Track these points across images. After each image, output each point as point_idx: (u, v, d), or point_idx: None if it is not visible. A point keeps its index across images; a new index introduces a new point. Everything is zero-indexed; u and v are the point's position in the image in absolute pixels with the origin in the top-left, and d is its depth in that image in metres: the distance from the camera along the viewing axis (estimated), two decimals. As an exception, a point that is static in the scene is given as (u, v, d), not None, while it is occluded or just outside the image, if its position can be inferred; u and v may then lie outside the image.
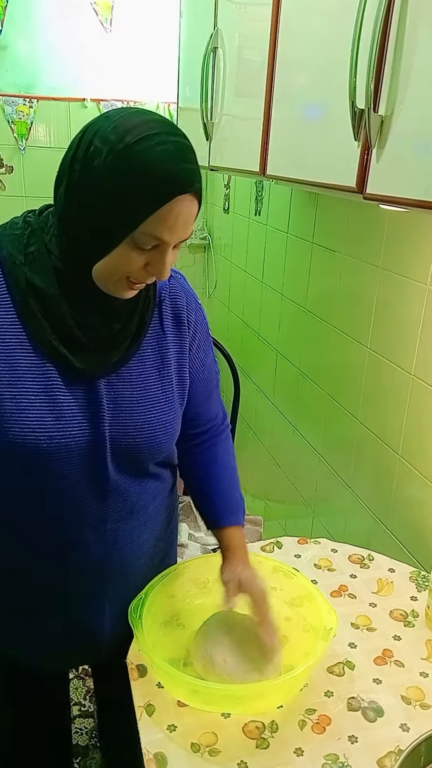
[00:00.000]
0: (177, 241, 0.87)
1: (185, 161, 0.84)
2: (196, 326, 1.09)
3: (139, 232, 0.83)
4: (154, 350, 1.03)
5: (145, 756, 0.91)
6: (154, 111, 0.87)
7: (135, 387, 1.00)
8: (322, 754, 0.91)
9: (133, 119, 0.82)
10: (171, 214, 0.83)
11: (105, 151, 0.81)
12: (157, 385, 1.02)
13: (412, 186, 0.95)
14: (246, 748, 0.92)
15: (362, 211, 1.64)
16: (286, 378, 2.27)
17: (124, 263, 0.86)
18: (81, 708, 1.98)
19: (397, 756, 0.90)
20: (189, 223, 0.86)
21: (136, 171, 0.80)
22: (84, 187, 0.84)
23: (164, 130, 0.83)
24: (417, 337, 1.43)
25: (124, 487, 1.02)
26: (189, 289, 1.10)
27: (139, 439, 1.00)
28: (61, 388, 0.93)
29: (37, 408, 0.92)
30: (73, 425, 0.94)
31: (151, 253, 0.86)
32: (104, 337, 0.95)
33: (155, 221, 0.82)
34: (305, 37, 1.26)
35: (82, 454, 0.96)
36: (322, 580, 1.28)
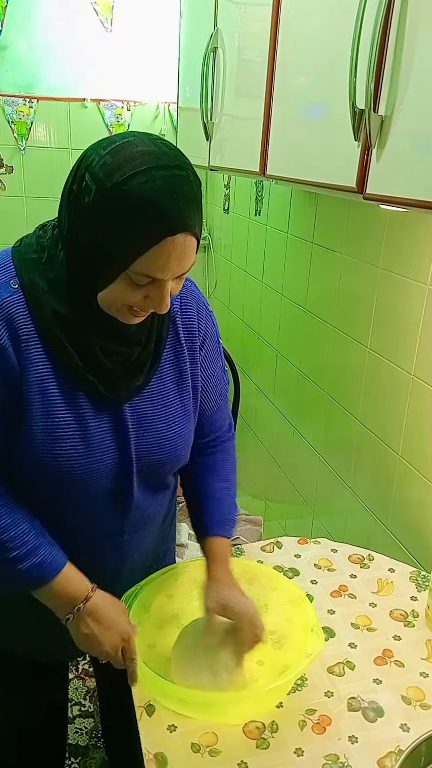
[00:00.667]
0: (174, 276, 0.85)
1: (176, 199, 0.79)
2: (205, 334, 1.08)
3: (131, 271, 0.82)
4: (173, 364, 1.03)
5: (146, 756, 0.91)
6: (153, 136, 0.83)
7: (156, 404, 1.00)
8: (323, 755, 0.91)
9: (123, 152, 0.79)
10: (162, 254, 0.80)
11: (94, 188, 0.80)
12: (176, 399, 1.03)
13: (412, 186, 0.95)
14: (246, 749, 0.92)
15: (362, 211, 1.64)
16: (286, 378, 2.27)
17: (122, 296, 0.85)
18: (81, 708, 1.98)
19: (398, 756, 0.90)
20: (184, 260, 0.83)
21: (123, 212, 0.78)
22: (77, 222, 0.83)
23: (156, 164, 0.79)
24: (417, 337, 1.43)
25: (143, 500, 1.03)
26: (200, 296, 1.09)
27: (162, 455, 1.01)
28: (91, 415, 0.94)
29: (69, 436, 0.92)
30: (102, 450, 0.95)
31: (149, 287, 0.85)
32: (127, 362, 0.95)
33: (146, 261, 0.80)
34: (305, 37, 1.26)
35: (110, 476, 0.97)
36: (322, 580, 1.28)
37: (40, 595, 0.94)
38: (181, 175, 0.81)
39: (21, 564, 0.90)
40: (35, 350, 0.89)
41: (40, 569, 0.92)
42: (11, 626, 1.13)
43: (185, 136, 2.24)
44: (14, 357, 0.88)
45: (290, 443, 2.25)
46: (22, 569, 0.91)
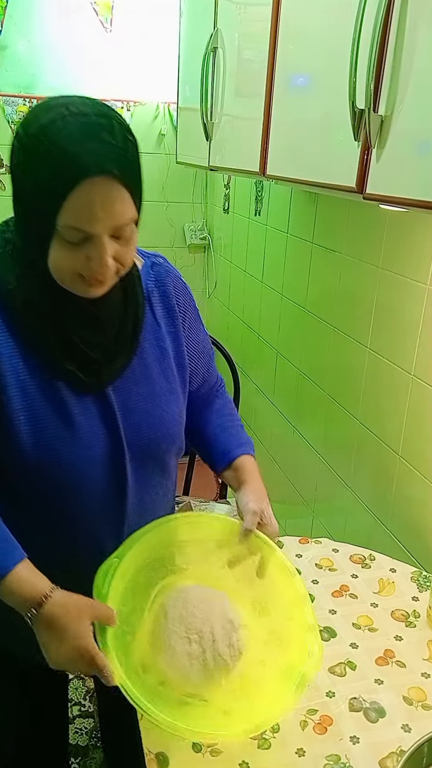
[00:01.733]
0: (107, 229, 0.81)
1: (90, 140, 0.76)
2: (185, 308, 1.08)
3: (60, 227, 0.79)
4: (152, 344, 1.03)
5: (147, 756, 0.91)
6: (86, 96, 0.82)
7: (141, 385, 1.00)
8: (324, 755, 0.91)
9: (44, 106, 0.79)
10: (82, 201, 0.77)
11: (17, 144, 0.80)
12: (161, 377, 1.03)
13: (412, 186, 0.95)
14: (247, 749, 0.92)
15: (362, 211, 1.64)
16: (286, 378, 2.27)
17: (63, 261, 0.83)
18: (81, 708, 1.98)
19: (399, 757, 0.90)
20: (111, 209, 0.79)
21: (38, 160, 0.77)
22: (14, 188, 0.83)
23: (73, 112, 0.77)
24: (417, 337, 1.43)
25: (140, 488, 1.02)
26: (172, 270, 1.08)
27: (153, 435, 1.01)
28: (73, 403, 0.93)
29: (53, 426, 0.91)
30: (90, 436, 0.94)
31: (87, 246, 0.81)
32: (106, 347, 0.95)
33: (68, 212, 0.77)
34: (305, 37, 1.26)
35: (104, 463, 0.96)
36: (323, 580, 1.28)
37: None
38: (99, 122, 0.78)
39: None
40: (8, 345, 0.89)
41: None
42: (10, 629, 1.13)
43: (185, 136, 2.24)
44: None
45: (290, 443, 2.25)
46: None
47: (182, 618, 0.98)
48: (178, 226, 3.17)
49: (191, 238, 3.18)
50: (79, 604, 0.86)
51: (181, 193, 3.11)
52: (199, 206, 3.18)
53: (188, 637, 0.96)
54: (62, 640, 0.84)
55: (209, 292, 3.28)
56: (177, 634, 0.96)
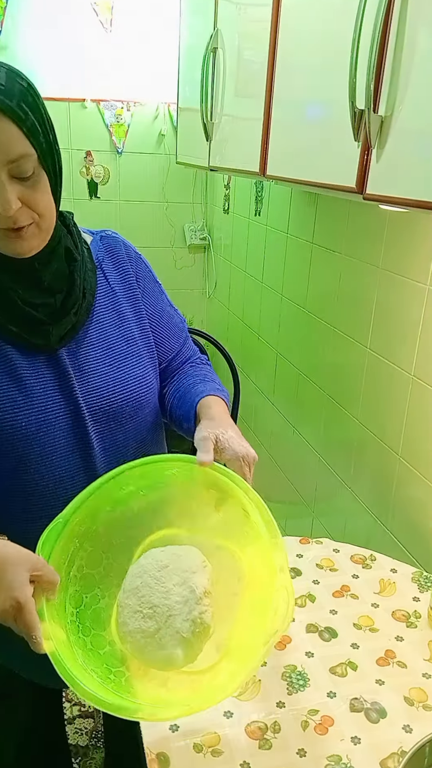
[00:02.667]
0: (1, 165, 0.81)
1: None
2: (137, 275, 1.09)
3: None
4: (108, 309, 1.03)
5: (148, 756, 0.90)
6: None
7: (97, 348, 1.00)
8: (325, 755, 0.91)
9: None
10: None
11: None
12: (120, 341, 1.03)
13: (412, 186, 0.95)
14: (249, 749, 0.92)
15: (362, 211, 1.64)
16: (286, 378, 2.27)
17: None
18: (81, 708, 1.98)
19: (401, 758, 0.90)
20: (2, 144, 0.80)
21: None
22: None
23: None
24: (417, 337, 1.43)
25: (112, 453, 1.01)
26: (124, 241, 1.10)
27: (114, 398, 1.00)
28: (24, 366, 0.93)
29: (4, 389, 0.92)
30: (44, 399, 0.94)
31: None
32: (52, 307, 0.95)
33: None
34: (305, 37, 1.26)
35: (64, 428, 0.96)
36: (324, 580, 1.28)
37: None
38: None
39: None
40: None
41: None
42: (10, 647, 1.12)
43: (185, 136, 2.24)
44: None
45: (290, 443, 2.25)
46: None
47: (136, 589, 0.87)
48: (178, 226, 3.17)
49: (191, 239, 3.18)
50: (20, 553, 0.80)
51: (181, 193, 3.11)
52: (199, 206, 3.18)
53: (141, 611, 0.85)
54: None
55: (209, 292, 3.28)
56: (130, 607, 0.86)
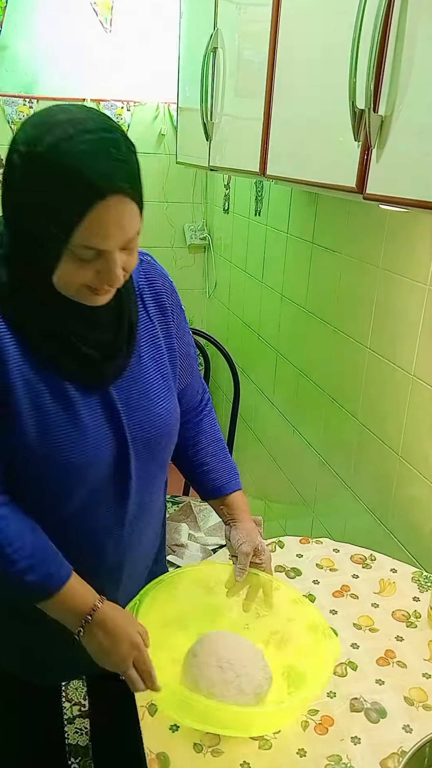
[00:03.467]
0: (118, 244, 0.82)
1: (102, 160, 0.76)
2: (173, 307, 1.08)
3: (72, 246, 0.79)
4: (147, 341, 1.03)
5: (148, 756, 0.90)
6: (79, 105, 0.82)
7: (139, 383, 1.00)
8: (325, 755, 0.91)
9: (46, 122, 0.77)
10: (98, 222, 0.77)
11: (19, 165, 0.78)
12: (157, 374, 1.03)
13: (412, 186, 0.95)
14: (249, 749, 0.92)
15: (362, 211, 1.64)
16: (286, 378, 2.27)
17: (74, 276, 0.83)
18: (81, 708, 1.97)
19: (401, 757, 0.90)
20: (124, 226, 0.80)
21: (50, 182, 0.76)
22: (11, 205, 0.82)
23: (79, 129, 0.76)
24: (417, 337, 1.43)
25: (140, 486, 1.03)
26: (161, 269, 1.09)
27: (155, 431, 1.01)
28: (80, 402, 0.93)
29: (61, 425, 0.91)
30: (98, 435, 0.94)
31: (98, 261, 0.82)
32: (106, 345, 0.95)
33: (84, 232, 0.77)
34: (305, 37, 1.26)
35: (109, 461, 0.97)
36: (324, 580, 1.28)
37: (48, 608, 0.93)
38: (106, 137, 0.77)
39: (27, 576, 0.90)
40: (13, 348, 0.88)
41: (46, 580, 0.91)
42: (8, 647, 1.12)
43: (185, 136, 2.24)
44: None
45: (290, 443, 2.25)
46: (29, 581, 0.90)
47: (212, 651, 1.02)
48: (178, 226, 3.17)
49: (191, 238, 3.18)
50: (127, 613, 0.97)
51: (181, 193, 3.11)
52: (199, 206, 3.18)
53: (220, 666, 0.99)
54: (115, 640, 0.92)
55: (209, 292, 3.28)
56: (209, 664, 1.00)
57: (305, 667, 1.00)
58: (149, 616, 1.02)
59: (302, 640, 1.05)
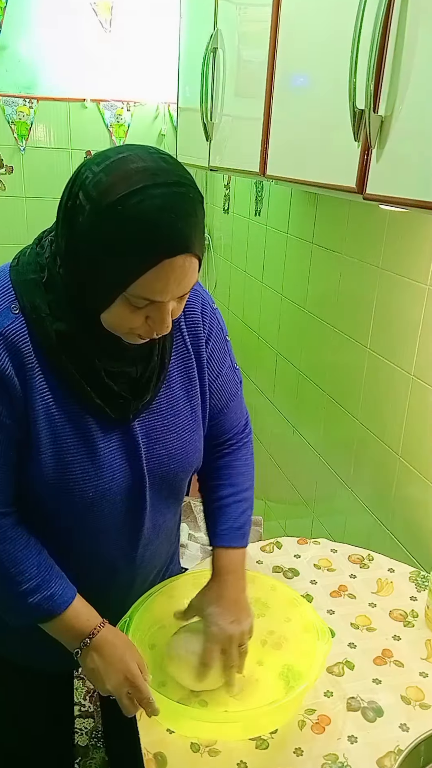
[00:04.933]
0: (174, 298, 0.81)
1: (175, 218, 0.74)
2: (210, 333, 1.03)
3: (129, 294, 0.78)
4: (180, 372, 1.00)
5: (145, 756, 0.91)
6: (151, 149, 0.79)
7: (166, 416, 0.98)
8: (322, 754, 0.91)
9: (118, 170, 0.75)
10: (160, 277, 0.76)
11: (87, 209, 0.76)
12: (186, 407, 1.01)
13: (412, 186, 0.95)
14: (245, 749, 0.92)
15: (362, 211, 1.64)
16: (286, 378, 2.27)
17: (123, 320, 0.82)
18: (81, 708, 1.98)
19: (397, 756, 0.90)
20: (184, 281, 0.79)
21: (119, 233, 0.74)
22: (72, 242, 0.80)
23: (153, 182, 0.74)
24: (417, 337, 1.43)
25: (155, 513, 1.02)
26: (203, 294, 1.04)
27: (174, 465, 1.00)
28: (100, 437, 0.92)
29: (78, 461, 0.91)
30: (114, 470, 0.94)
31: (149, 308, 0.81)
32: (133, 380, 0.92)
33: (144, 284, 0.77)
34: (305, 37, 1.26)
35: (124, 494, 0.96)
36: (321, 580, 1.28)
37: (48, 628, 0.93)
38: (180, 192, 0.76)
39: (30, 598, 0.90)
40: (39, 377, 0.87)
41: (49, 603, 0.91)
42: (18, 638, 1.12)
43: (185, 136, 2.24)
44: (19, 386, 0.85)
45: (290, 443, 2.25)
46: (32, 603, 0.90)
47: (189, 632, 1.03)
48: (178, 226, 3.17)
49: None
50: (126, 640, 0.96)
51: (181, 193, 3.11)
52: (200, 206, 3.18)
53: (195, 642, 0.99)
54: (110, 665, 0.92)
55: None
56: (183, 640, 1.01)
57: (302, 667, 1.00)
58: (144, 617, 1.02)
59: (299, 640, 1.05)
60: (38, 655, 1.10)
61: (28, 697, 1.22)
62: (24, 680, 1.19)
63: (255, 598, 1.10)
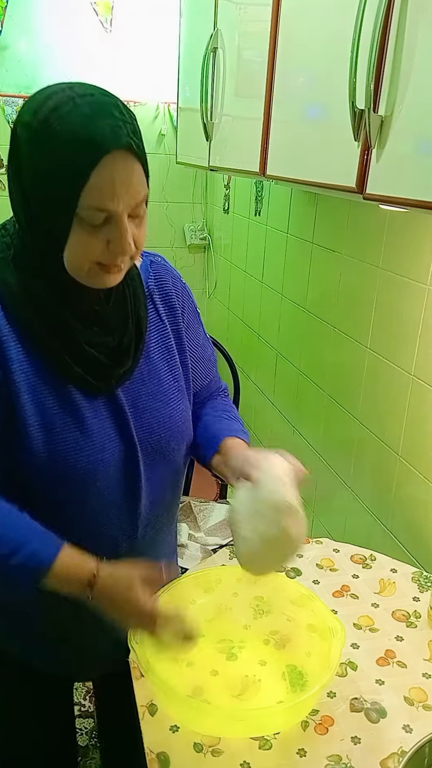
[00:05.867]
0: (127, 207, 0.82)
1: (103, 117, 0.78)
2: (184, 308, 1.08)
3: (81, 209, 0.79)
4: (158, 342, 1.03)
5: (148, 756, 0.90)
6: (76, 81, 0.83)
7: (149, 384, 1.00)
8: (325, 755, 0.91)
9: (45, 92, 0.80)
10: (104, 178, 0.78)
11: (24, 136, 0.80)
12: (168, 376, 1.03)
13: (412, 186, 0.95)
14: (249, 749, 0.92)
15: (362, 211, 1.64)
16: (286, 378, 2.27)
17: (84, 248, 0.83)
18: (81, 708, 1.98)
19: (401, 757, 0.90)
20: (131, 184, 0.81)
21: (56, 144, 0.77)
22: (18, 177, 0.82)
23: (79, 93, 0.79)
24: (417, 337, 1.43)
25: (153, 488, 1.02)
26: (172, 270, 1.08)
27: (165, 433, 1.01)
28: (85, 406, 0.93)
29: (67, 430, 0.91)
30: (104, 439, 0.94)
31: (107, 228, 0.82)
32: (113, 348, 0.94)
33: (91, 192, 0.78)
34: (305, 37, 1.26)
35: (118, 464, 0.96)
36: (324, 580, 1.28)
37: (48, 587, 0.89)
38: (107, 100, 0.80)
39: (12, 559, 0.86)
40: (17, 350, 0.88)
41: (32, 561, 0.86)
42: (31, 638, 1.11)
43: (185, 136, 2.24)
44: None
45: (290, 443, 2.25)
46: (15, 564, 0.86)
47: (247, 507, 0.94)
48: (178, 226, 3.17)
49: (191, 238, 3.18)
50: (128, 574, 0.89)
51: (181, 193, 3.11)
52: (199, 206, 3.18)
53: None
54: (120, 609, 0.88)
55: (209, 292, 3.28)
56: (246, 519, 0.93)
57: (305, 667, 1.00)
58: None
59: (303, 639, 1.05)
60: (39, 653, 1.10)
61: (27, 699, 1.22)
62: (24, 682, 1.19)
63: (261, 596, 1.10)
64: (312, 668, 1.00)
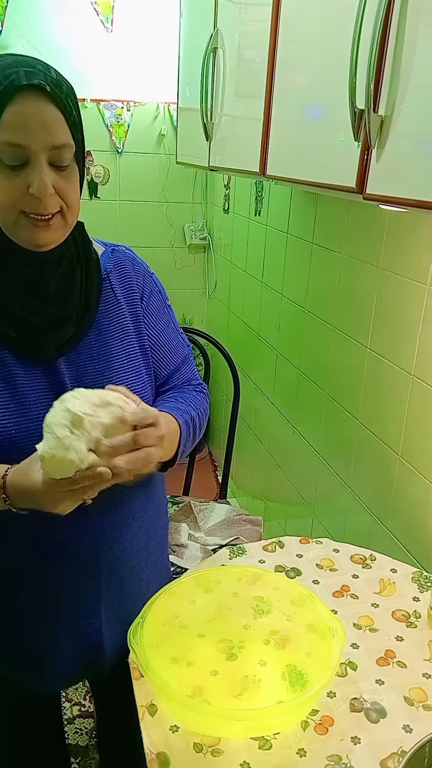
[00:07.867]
0: (43, 148, 0.83)
1: (23, 66, 0.83)
2: (144, 292, 1.07)
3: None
4: (112, 321, 1.02)
5: (148, 756, 0.90)
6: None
7: (97, 360, 0.99)
8: (325, 755, 0.91)
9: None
10: (15, 114, 0.81)
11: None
12: (120, 355, 1.02)
13: (412, 186, 0.95)
14: (248, 749, 0.92)
15: (362, 211, 1.64)
16: (286, 378, 2.27)
17: (5, 192, 0.84)
18: (81, 708, 1.98)
19: (401, 757, 0.90)
20: (46, 124, 0.83)
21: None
22: None
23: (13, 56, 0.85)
24: (417, 337, 1.43)
25: None
26: (136, 258, 1.09)
27: None
28: (21, 374, 0.93)
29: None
30: (39, 408, 0.92)
31: (26, 172, 0.83)
32: (50, 315, 0.94)
33: (4, 128, 0.81)
34: (305, 37, 1.26)
35: None
36: (324, 580, 1.28)
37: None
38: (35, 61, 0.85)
39: None
40: None
41: None
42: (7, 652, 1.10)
43: (185, 136, 2.24)
44: None
45: (290, 443, 2.25)
46: None
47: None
48: (178, 226, 3.17)
49: (191, 238, 3.18)
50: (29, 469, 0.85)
51: (181, 193, 3.11)
52: (199, 206, 3.18)
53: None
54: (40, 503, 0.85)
55: (209, 292, 3.28)
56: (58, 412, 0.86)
57: (305, 667, 1.00)
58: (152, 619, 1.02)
59: (303, 639, 1.05)
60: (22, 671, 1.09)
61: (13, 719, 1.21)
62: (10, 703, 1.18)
63: (261, 596, 1.10)
64: (312, 668, 1.00)
